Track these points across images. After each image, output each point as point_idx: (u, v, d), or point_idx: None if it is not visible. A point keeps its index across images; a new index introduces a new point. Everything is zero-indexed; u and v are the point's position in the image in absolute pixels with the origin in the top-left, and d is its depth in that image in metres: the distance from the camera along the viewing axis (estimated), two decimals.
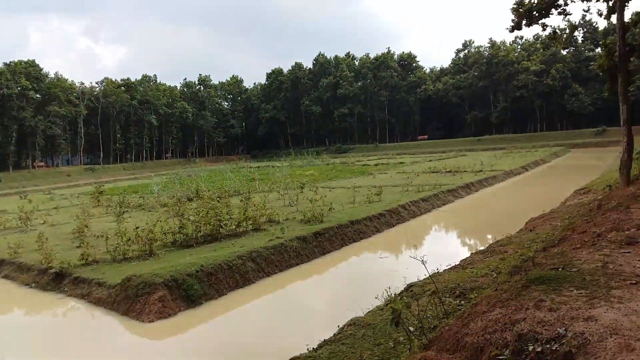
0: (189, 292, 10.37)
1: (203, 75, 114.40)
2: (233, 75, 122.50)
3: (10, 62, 77.73)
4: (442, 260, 10.57)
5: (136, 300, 10.00)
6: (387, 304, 7.52)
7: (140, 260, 12.60)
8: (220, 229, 14.99)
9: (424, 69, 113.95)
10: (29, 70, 78.02)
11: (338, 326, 7.66)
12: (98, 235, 14.10)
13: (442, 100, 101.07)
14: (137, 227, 13.84)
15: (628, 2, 17.64)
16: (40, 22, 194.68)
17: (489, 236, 14.98)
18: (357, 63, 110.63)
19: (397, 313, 5.06)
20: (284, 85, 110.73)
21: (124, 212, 21.22)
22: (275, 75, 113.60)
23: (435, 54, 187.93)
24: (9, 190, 55.72)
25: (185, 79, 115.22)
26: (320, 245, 14.15)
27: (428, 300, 6.91)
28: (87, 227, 17.10)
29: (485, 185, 27.16)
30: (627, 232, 6.28)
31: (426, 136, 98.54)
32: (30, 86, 76.54)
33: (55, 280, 12.15)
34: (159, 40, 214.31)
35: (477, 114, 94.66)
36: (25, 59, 79.48)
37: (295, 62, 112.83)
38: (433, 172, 33.28)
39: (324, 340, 7.12)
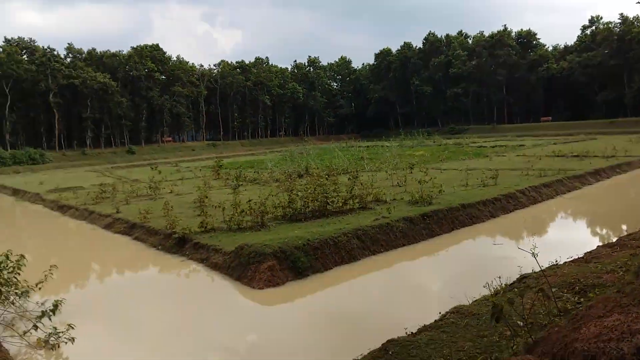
0: (296, 264, 10.67)
1: (312, 56, 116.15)
2: (342, 57, 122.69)
3: (137, 46, 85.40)
4: (562, 251, 9.67)
5: (248, 268, 10.52)
6: (497, 294, 7.06)
7: (252, 231, 13.20)
8: (327, 206, 15.16)
9: (546, 46, 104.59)
10: (154, 54, 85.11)
11: (440, 313, 7.34)
12: (216, 206, 14.99)
13: (568, 79, 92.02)
14: (250, 200, 14.49)
15: None
16: (162, 9, 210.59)
17: (623, 227, 13.45)
18: (470, 42, 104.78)
19: (498, 308, 4.66)
20: (393, 65, 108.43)
21: (239, 185, 22.42)
22: (383, 56, 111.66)
23: (556, 32, 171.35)
24: (142, 161, 61.81)
25: (295, 60, 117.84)
26: (428, 227, 13.72)
27: (539, 295, 6.31)
28: (206, 197, 18.27)
29: (618, 172, 24.36)
30: None
31: (550, 118, 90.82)
32: (155, 68, 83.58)
33: (178, 244, 13.22)
34: (271, 23, 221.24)
35: (608, 95, 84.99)
36: (150, 44, 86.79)
37: (404, 42, 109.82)
38: (557, 156, 30.63)
39: (424, 325, 6.85)
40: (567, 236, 14.34)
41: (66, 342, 7.26)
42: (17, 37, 72.92)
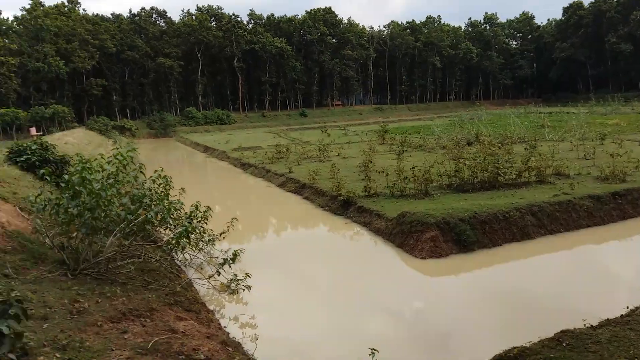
0: (461, 237, 10.21)
1: (489, 13, 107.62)
2: (523, 12, 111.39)
3: (311, 10, 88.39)
4: None
5: (410, 236, 10.41)
6: None
7: (415, 199, 12.99)
8: (499, 177, 14.15)
9: None
10: (327, 17, 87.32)
11: (627, 307, 6.35)
12: (379, 171, 15.08)
13: None
14: (413, 167, 14.20)
15: None
16: None
17: None
18: None
19: None
20: (584, 21, 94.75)
21: (404, 151, 22.21)
22: (573, 10, 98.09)
23: None
24: (313, 124, 65.20)
25: (470, 18, 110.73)
26: (620, 207, 11.97)
27: None
28: (371, 162, 18.41)
29: None
30: None
31: None
32: (327, 32, 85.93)
33: (343, 206, 13.69)
34: None
35: None
36: (323, 7, 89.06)
37: None
38: None
39: (607, 319, 6.02)
40: None
41: (244, 290, 8.07)
42: (206, 5, 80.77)
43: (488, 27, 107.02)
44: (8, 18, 61.81)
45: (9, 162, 13.48)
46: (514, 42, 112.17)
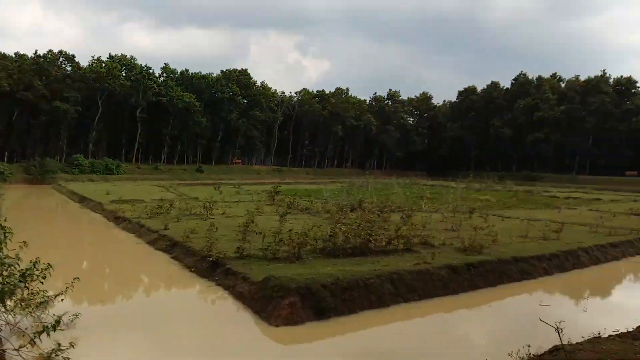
0: (320, 304, 10.20)
1: (393, 90, 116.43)
2: (423, 92, 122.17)
3: (226, 70, 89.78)
4: (613, 322, 8.56)
5: (270, 302, 10.18)
6: None
7: (287, 262, 12.85)
8: (369, 244, 14.59)
9: None
10: (241, 78, 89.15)
11: None
12: (257, 232, 14.88)
13: None
14: (291, 230, 14.22)
15: None
16: (260, 36, 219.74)
17: None
18: (562, 85, 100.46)
19: None
20: (476, 105, 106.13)
21: (288, 213, 22.31)
22: (467, 94, 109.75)
23: None
24: (208, 180, 64.00)
25: (375, 93, 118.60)
26: (472, 278, 12.77)
27: None
28: (252, 222, 18.19)
29: None
30: None
31: (636, 172, 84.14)
32: (239, 92, 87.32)
33: (211, 267, 13.16)
34: (359, 55, 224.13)
35: None
36: (239, 68, 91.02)
37: (492, 81, 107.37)
38: (635, 214, 28.00)
39: None
40: (622, 305, 12.84)
41: None
42: (120, 55, 78.61)
43: (390, 103, 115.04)
44: None
45: None
46: (412, 119, 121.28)
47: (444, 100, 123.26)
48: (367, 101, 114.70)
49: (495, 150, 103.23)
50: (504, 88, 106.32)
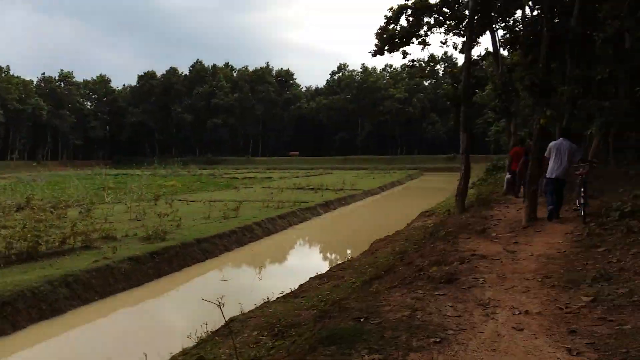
0: None
1: (65, 71, 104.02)
2: (100, 74, 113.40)
3: None
4: (283, 284, 9.98)
5: None
6: (199, 344, 6.65)
7: None
8: (39, 247, 12.84)
9: (300, 87, 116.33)
10: None
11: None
12: None
13: (315, 119, 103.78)
14: None
15: (478, 40, 19.34)
16: None
17: (337, 257, 14.87)
18: (235, 74, 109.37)
19: None
20: (156, 90, 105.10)
21: None
22: (147, 78, 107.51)
23: (312, 74, 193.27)
24: None
25: (44, 73, 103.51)
26: (157, 266, 12.76)
27: (244, 340, 6.14)
28: None
29: (343, 204, 27.65)
30: (447, 268, 6.16)
31: (297, 152, 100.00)
32: None
33: None
34: (22, 28, 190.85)
35: (345, 136, 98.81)
36: None
37: (171, 67, 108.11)
38: (297, 188, 33.23)
39: None
40: (290, 267, 15.18)
41: None
42: None
43: (62, 85, 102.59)
44: None
45: None
46: (89, 103, 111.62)
47: (124, 85, 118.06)
48: (35, 82, 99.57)
49: (178, 135, 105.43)
50: (183, 74, 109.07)
